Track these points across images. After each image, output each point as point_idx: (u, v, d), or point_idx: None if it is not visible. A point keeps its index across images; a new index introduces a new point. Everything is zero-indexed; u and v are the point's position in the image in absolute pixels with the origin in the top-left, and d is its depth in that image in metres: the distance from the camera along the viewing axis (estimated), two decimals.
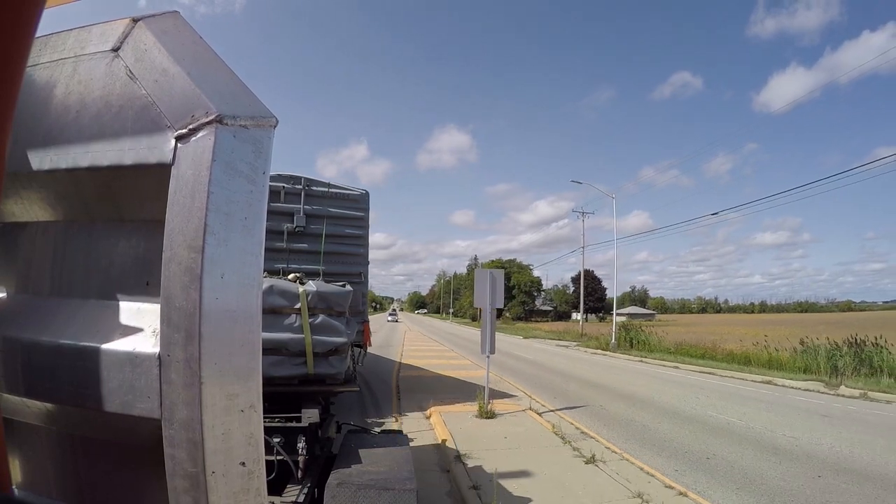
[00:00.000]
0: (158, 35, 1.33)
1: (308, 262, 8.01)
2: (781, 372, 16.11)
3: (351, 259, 8.49)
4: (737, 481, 5.68)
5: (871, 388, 12.53)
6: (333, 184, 8.51)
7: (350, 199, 8.55)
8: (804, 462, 6.49)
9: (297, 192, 8.06)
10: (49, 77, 1.41)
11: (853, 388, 12.72)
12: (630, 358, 21.95)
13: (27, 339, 1.38)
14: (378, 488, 2.94)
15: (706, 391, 12.77)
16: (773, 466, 6.28)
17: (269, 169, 1.32)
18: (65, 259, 1.52)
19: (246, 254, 1.23)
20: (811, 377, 14.76)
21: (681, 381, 14.76)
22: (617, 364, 19.72)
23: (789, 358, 17.09)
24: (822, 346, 16.37)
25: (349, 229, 8.46)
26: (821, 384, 13.59)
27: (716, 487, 5.45)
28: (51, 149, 1.36)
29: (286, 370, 3.81)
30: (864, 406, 10.98)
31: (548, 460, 5.90)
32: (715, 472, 5.98)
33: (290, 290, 3.88)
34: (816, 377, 14.67)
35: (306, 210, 8.08)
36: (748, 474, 5.93)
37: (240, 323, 1.21)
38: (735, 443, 7.33)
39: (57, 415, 1.41)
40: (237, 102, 1.28)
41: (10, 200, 1.49)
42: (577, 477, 5.37)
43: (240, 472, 1.22)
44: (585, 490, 5.00)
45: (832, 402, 11.41)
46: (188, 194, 1.18)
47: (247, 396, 1.22)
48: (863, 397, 11.92)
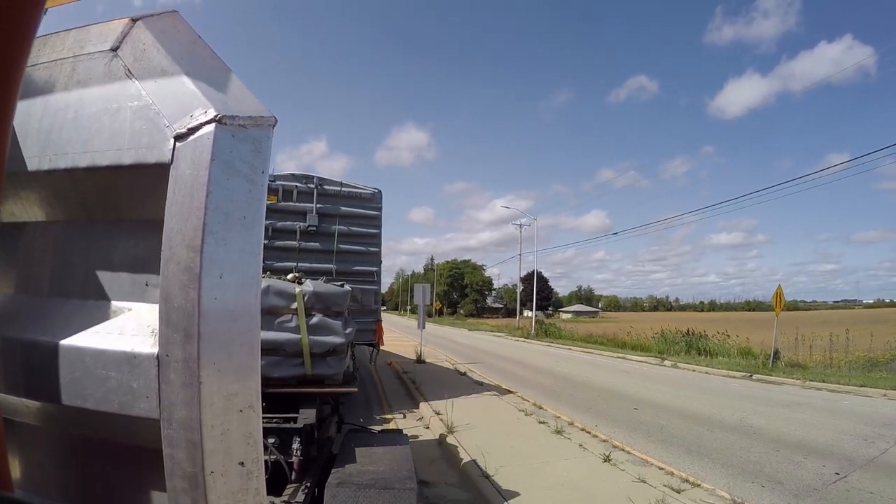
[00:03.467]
0: (157, 35, 1.33)
1: (321, 261, 7.98)
2: (643, 352, 21.77)
3: (364, 258, 8.46)
4: (550, 396, 10.76)
5: (682, 361, 18.16)
6: (346, 182, 8.47)
7: (362, 197, 8.50)
8: (590, 389, 12.28)
9: (309, 191, 8.03)
10: (48, 77, 1.41)
11: (672, 361, 18.43)
12: (540, 343, 28.89)
13: (27, 339, 1.38)
14: (378, 488, 2.94)
15: (569, 360, 19.13)
16: (573, 389, 12.06)
17: (269, 168, 1.32)
18: (64, 259, 1.52)
19: (245, 253, 1.22)
20: (654, 355, 20.40)
21: (558, 355, 21.25)
22: (526, 346, 26.53)
23: (652, 343, 23.31)
24: (671, 334, 23.10)
25: (362, 228, 8.42)
26: (656, 358, 19.41)
27: (539, 398, 10.20)
28: (50, 149, 1.36)
29: (284, 371, 3.80)
30: (667, 370, 16.66)
31: (451, 381, 11.83)
32: (536, 390, 11.47)
33: (287, 290, 3.87)
34: (657, 355, 20.38)
35: (319, 209, 8.04)
36: (555, 392, 11.47)
37: (239, 323, 1.21)
38: (559, 380, 13.41)
39: (57, 415, 1.41)
40: (236, 102, 1.28)
41: (10, 200, 1.49)
42: (455, 380, 12.21)
43: (239, 472, 1.22)
44: (455, 383, 11.50)
45: (648, 368, 16.98)
46: (187, 194, 1.18)
47: (246, 396, 1.22)
48: (672, 366, 17.37)
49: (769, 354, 16.39)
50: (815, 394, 12.27)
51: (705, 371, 16.06)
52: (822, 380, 13.36)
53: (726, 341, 20.32)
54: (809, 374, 14.26)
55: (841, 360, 16.45)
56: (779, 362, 16.12)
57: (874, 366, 15.39)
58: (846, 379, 13.25)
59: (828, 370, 15.19)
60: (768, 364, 15.79)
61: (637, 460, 6.18)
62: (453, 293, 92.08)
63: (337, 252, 8.05)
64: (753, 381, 13.95)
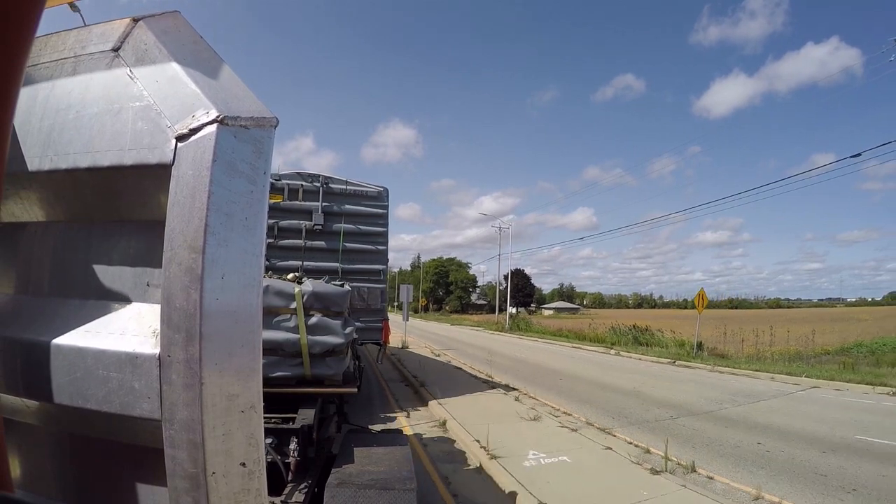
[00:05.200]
0: (159, 35, 1.32)
1: (327, 260, 7.94)
2: (598, 343, 25.25)
3: (370, 256, 8.42)
4: (500, 370, 13.83)
5: (626, 350, 21.76)
6: (351, 181, 8.44)
7: (368, 195, 8.46)
8: (536, 367, 15.68)
9: (315, 189, 7.99)
10: (49, 77, 1.40)
11: (617, 350, 22.12)
12: (512, 336, 32.53)
13: (27, 339, 1.38)
14: (378, 488, 2.94)
15: (530, 349, 22.92)
16: (521, 367, 15.39)
17: (270, 169, 1.32)
18: (65, 259, 1.51)
19: (247, 254, 1.22)
20: (606, 346, 23.81)
21: (523, 345, 25.11)
22: (498, 338, 30.09)
23: (607, 336, 26.80)
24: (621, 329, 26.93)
25: (368, 226, 8.38)
26: (606, 348, 22.98)
27: (492, 371, 13.24)
28: (51, 149, 1.35)
29: (283, 371, 3.80)
30: (609, 357, 19.98)
31: (427, 361, 15.04)
32: (492, 367, 13.84)
33: (286, 289, 3.86)
34: (609, 346, 23.77)
35: (325, 208, 8.01)
36: (505, 368, 14.56)
37: (240, 323, 1.21)
38: (513, 361, 17.02)
39: (57, 415, 1.41)
40: (237, 102, 1.28)
41: (10, 200, 1.49)
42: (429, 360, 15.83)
43: (240, 473, 1.22)
44: (429, 362, 15.03)
45: (594, 356, 20.44)
46: (189, 194, 1.18)
47: (247, 397, 1.22)
48: (616, 354, 20.87)
49: (694, 346, 19.90)
50: (715, 375, 14.89)
51: (639, 358, 19.35)
52: (729, 366, 16.15)
53: (665, 336, 24.17)
54: (723, 362, 17.07)
55: (766, 353, 19.17)
56: (702, 352, 19.44)
57: (799, 358, 17.92)
58: (747, 366, 16.02)
59: (751, 361, 17.70)
60: (692, 353, 19.02)
61: (538, 403, 9.63)
62: (439, 290, 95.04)
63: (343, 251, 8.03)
64: (674, 366, 16.87)
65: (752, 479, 5.82)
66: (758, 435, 7.96)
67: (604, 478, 5.53)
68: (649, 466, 5.90)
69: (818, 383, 13.08)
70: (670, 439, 6.71)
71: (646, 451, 6.68)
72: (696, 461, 6.22)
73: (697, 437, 7.76)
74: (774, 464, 6.60)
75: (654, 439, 7.27)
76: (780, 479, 5.97)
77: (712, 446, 7.32)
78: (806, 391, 12.27)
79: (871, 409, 10.19)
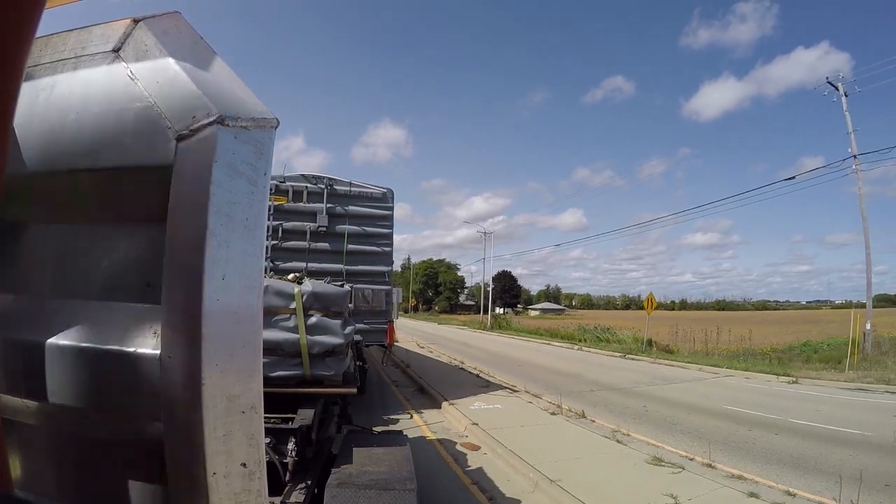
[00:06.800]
0: (159, 35, 1.32)
1: (331, 262, 7.93)
2: (567, 340, 28.48)
3: (375, 258, 8.40)
4: (473, 359, 17.16)
5: (588, 346, 25.07)
6: (355, 182, 8.43)
7: (373, 197, 8.45)
8: (503, 357, 18.73)
9: (319, 191, 7.99)
10: (49, 77, 1.40)
11: (580, 346, 25.42)
12: (492, 333, 36.94)
13: (27, 339, 1.38)
14: (378, 488, 2.94)
15: (505, 344, 26.02)
16: (491, 357, 18.63)
17: (271, 170, 1.32)
18: (65, 260, 1.51)
19: (247, 255, 1.22)
20: (573, 342, 27.08)
21: (501, 341, 28.56)
22: (480, 335, 34.08)
23: (575, 334, 30.11)
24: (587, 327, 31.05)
25: (372, 228, 8.37)
26: (572, 344, 26.28)
27: (465, 360, 16.54)
28: (51, 149, 1.35)
29: (282, 371, 3.79)
30: (573, 352, 22.87)
31: (413, 352, 18.41)
32: (466, 356, 17.71)
33: (285, 289, 3.86)
34: (574, 343, 26.98)
35: (329, 209, 8.00)
36: (477, 357, 17.94)
37: (241, 324, 1.21)
38: (486, 353, 19.63)
39: (57, 415, 1.41)
40: (238, 103, 1.28)
41: (11, 201, 1.48)
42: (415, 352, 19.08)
43: (241, 474, 1.22)
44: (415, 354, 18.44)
45: (560, 350, 23.45)
46: (189, 195, 1.18)
47: (248, 397, 1.22)
48: (579, 349, 23.84)
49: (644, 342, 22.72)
50: (653, 366, 17.09)
51: (596, 352, 22.26)
52: (670, 359, 18.51)
53: (626, 334, 27.26)
54: (667, 357, 19.43)
55: (713, 350, 21.85)
56: (651, 348, 22.31)
57: (740, 355, 19.94)
58: (686, 360, 18.15)
59: (695, 356, 19.86)
60: (642, 349, 21.87)
61: (494, 379, 12.56)
62: (428, 291, 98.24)
63: (347, 252, 8.02)
64: (623, 359, 19.24)
65: (623, 425, 8.02)
66: (649, 402, 10.41)
67: (518, 417, 8.52)
68: (552, 412, 8.83)
69: (733, 373, 15.14)
70: (581, 403, 9.65)
71: (557, 406, 9.21)
72: (592, 414, 8.84)
73: (602, 402, 10.31)
74: (645, 417, 9.05)
75: (571, 402, 9.69)
76: (642, 425, 8.33)
77: (609, 407, 9.88)
78: (718, 378, 14.40)
79: (757, 391, 12.10)
